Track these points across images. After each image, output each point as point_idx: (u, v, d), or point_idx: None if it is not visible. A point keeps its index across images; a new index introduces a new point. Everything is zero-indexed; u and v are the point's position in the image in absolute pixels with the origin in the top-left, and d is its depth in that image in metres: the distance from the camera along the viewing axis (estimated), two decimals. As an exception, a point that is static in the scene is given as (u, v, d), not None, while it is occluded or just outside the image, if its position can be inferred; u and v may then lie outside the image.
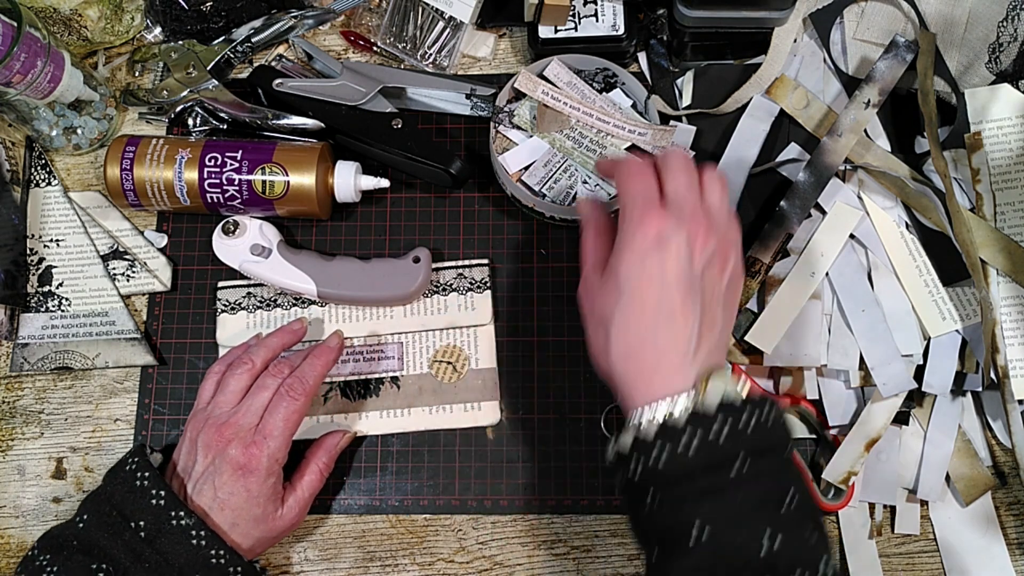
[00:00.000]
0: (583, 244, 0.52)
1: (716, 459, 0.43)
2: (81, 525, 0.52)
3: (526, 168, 0.64)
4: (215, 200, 0.64)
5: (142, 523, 0.51)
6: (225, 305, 0.66)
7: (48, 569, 0.50)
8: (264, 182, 0.63)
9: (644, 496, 0.44)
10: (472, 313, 0.65)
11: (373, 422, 0.63)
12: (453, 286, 0.66)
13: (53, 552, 0.51)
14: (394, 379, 0.64)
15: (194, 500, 0.53)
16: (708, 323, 0.47)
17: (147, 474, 0.53)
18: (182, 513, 0.51)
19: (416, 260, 0.63)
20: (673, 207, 0.47)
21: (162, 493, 0.52)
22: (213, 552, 0.51)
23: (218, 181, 0.63)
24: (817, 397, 0.62)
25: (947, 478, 0.61)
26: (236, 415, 0.55)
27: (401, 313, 0.65)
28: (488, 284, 0.66)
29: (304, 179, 0.63)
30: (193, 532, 0.51)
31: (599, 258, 0.50)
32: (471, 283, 0.66)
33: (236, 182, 0.63)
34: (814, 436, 0.62)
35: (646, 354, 0.46)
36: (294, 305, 0.66)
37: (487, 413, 0.63)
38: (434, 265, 0.66)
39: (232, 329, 0.65)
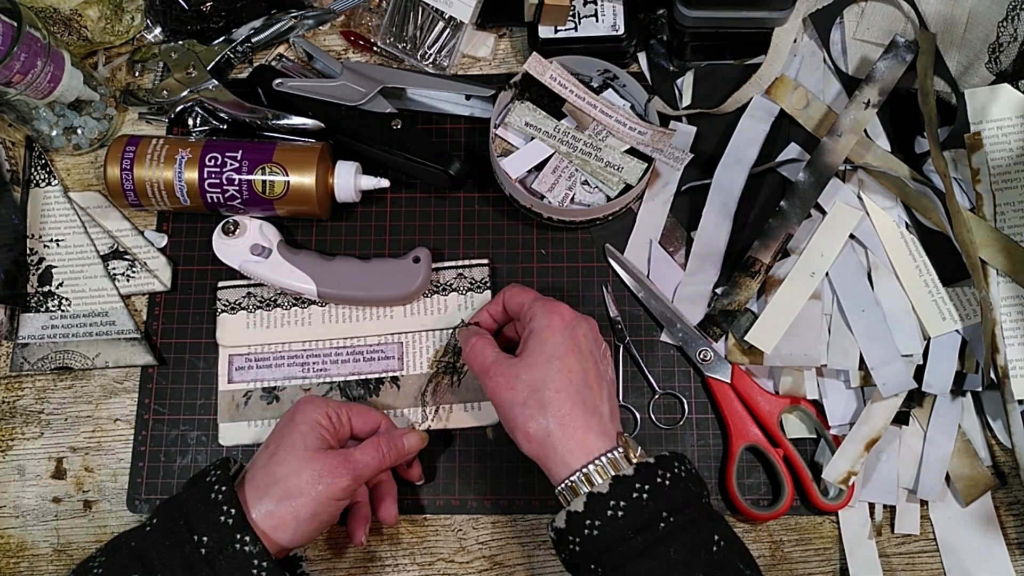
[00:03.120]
0: (475, 349, 0.56)
1: (644, 519, 0.47)
2: (148, 528, 0.50)
3: (531, 174, 0.64)
4: (215, 200, 0.64)
5: (205, 538, 0.48)
6: (225, 305, 0.66)
7: (95, 572, 0.48)
8: (264, 182, 0.63)
9: (588, 565, 0.48)
10: (472, 313, 0.65)
11: (373, 422, 0.63)
12: (453, 286, 0.66)
13: (109, 553, 0.49)
14: (394, 379, 0.64)
15: None
16: (610, 391, 0.54)
17: (223, 488, 0.50)
18: (247, 538, 0.48)
19: (416, 260, 0.63)
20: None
21: (232, 511, 0.48)
22: None
23: (218, 181, 0.63)
24: (817, 397, 0.62)
25: (947, 478, 0.61)
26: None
27: (401, 313, 0.65)
28: (488, 284, 0.66)
29: (304, 179, 0.63)
30: (255, 561, 0.47)
31: (497, 352, 0.55)
32: (471, 283, 0.66)
33: (236, 182, 0.63)
34: (814, 436, 0.63)
35: (577, 415, 0.51)
36: (294, 305, 0.66)
37: (487, 413, 0.63)
38: (434, 265, 0.66)
39: (232, 329, 0.65)
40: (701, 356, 0.63)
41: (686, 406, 0.63)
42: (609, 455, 0.49)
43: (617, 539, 0.47)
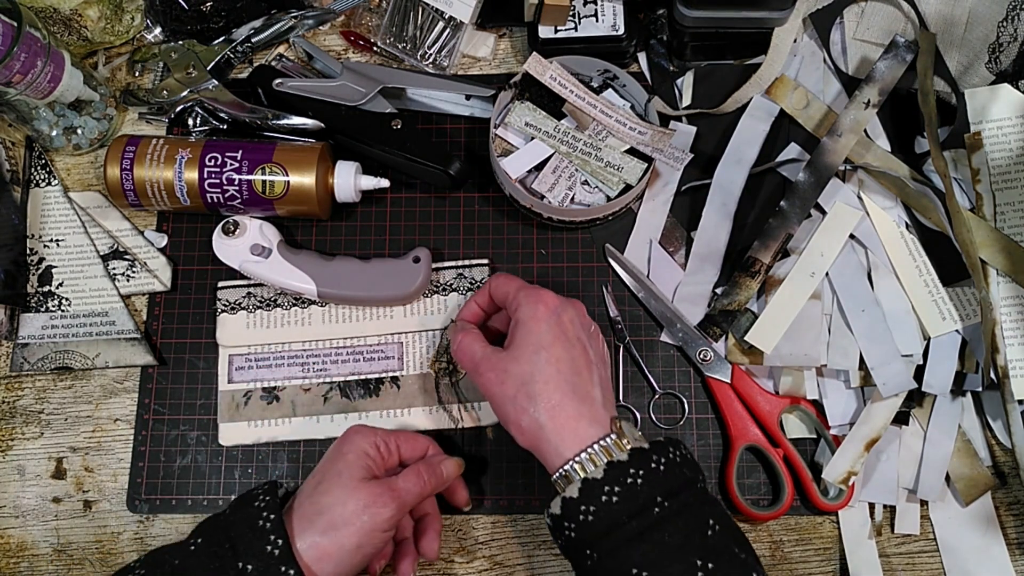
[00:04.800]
0: (463, 346, 0.56)
1: (639, 504, 0.47)
2: (192, 547, 0.49)
3: (531, 174, 0.64)
4: (215, 200, 0.64)
5: (250, 567, 0.47)
6: (225, 305, 0.66)
7: None
8: (264, 182, 0.63)
9: (584, 550, 0.48)
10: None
11: (373, 422, 0.63)
12: (453, 286, 0.66)
13: (150, 567, 0.49)
14: (394, 379, 0.64)
15: None
16: (603, 374, 0.54)
17: (272, 516, 0.49)
18: (292, 571, 0.47)
19: (416, 260, 0.63)
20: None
21: (279, 542, 0.48)
22: None
23: (218, 181, 0.63)
24: (817, 397, 0.62)
25: (947, 478, 0.61)
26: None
27: (401, 313, 0.65)
28: (488, 284, 0.66)
29: (304, 179, 0.63)
30: None
31: (485, 346, 0.55)
32: (471, 283, 0.66)
33: (236, 182, 0.63)
34: (814, 436, 0.63)
35: (567, 404, 0.51)
36: (294, 305, 0.66)
37: (487, 413, 0.63)
38: (434, 265, 0.66)
39: (232, 329, 0.65)
40: (701, 356, 0.63)
41: (686, 406, 0.63)
42: (602, 442, 0.50)
43: (611, 524, 0.47)
